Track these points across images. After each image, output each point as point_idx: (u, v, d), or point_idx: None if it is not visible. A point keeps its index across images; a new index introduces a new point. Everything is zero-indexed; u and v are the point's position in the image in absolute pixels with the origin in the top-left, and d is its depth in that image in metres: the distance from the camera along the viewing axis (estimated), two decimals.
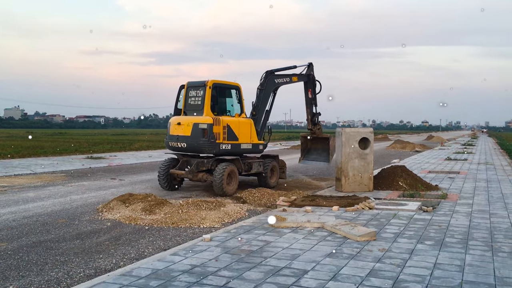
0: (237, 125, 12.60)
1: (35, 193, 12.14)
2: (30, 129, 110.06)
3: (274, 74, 13.84)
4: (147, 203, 9.50)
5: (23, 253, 6.61)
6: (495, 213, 9.01)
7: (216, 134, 11.92)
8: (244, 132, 12.75)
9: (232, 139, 12.41)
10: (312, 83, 15.11)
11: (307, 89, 15.13)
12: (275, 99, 14.17)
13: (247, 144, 12.82)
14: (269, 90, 13.74)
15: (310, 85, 15.13)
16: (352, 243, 6.60)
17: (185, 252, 6.11)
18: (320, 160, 15.14)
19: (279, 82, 14.00)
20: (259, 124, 13.49)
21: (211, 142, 11.88)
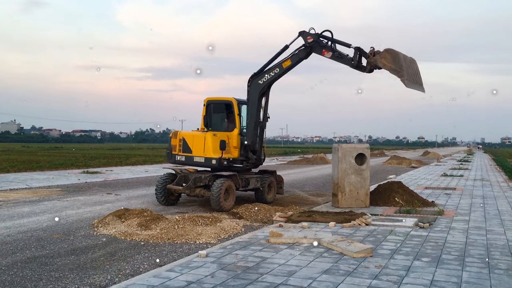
0: (191, 138, 12.99)
1: (30, 208, 12.06)
2: (26, 143, 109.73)
3: (256, 75, 12.68)
4: (143, 219, 9.45)
5: (17, 269, 6.55)
6: (492, 230, 9.01)
7: (173, 147, 13.25)
8: (198, 146, 12.85)
9: (187, 152, 12.96)
10: (320, 45, 12.03)
11: (321, 52, 12.06)
12: (268, 105, 13.05)
13: (199, 157, 12.83)
14: (254, 97, 12.68)
15: (318, 49, 12.07)
16: (349, 259, 6.58)
17: (181, 268, 6.08)
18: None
19: (265, 81, 12.56)
20: (249, 138, 12.81)
21: (167, 152, 13.54)
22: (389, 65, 11.23)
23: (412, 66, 11.81)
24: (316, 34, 12.11)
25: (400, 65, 11.17)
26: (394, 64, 11.21)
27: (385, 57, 11.35)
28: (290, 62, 12.30)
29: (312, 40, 12.04)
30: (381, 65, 11.42)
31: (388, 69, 11.30)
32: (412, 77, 11.58)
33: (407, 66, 11.47)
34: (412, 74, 11.62)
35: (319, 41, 12.07)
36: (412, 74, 11.66)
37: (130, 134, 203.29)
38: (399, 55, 11.30)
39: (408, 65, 11.60)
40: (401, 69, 11.13)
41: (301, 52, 12.21)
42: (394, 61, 11.24)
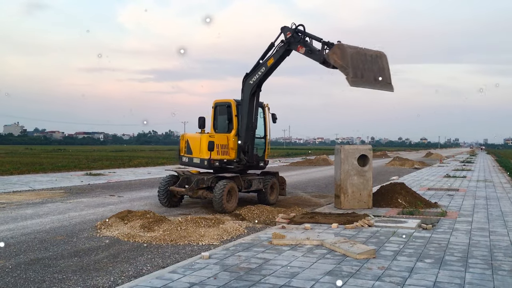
0: (193, 140, 13.17)
1: (34, 210, 12.10)
2: (29, 145, 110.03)
3: (248, 75, 12.64)
4: (145, 220, 9.47)
5: (20, 271, 6.57)
6: (495, 231, 8.99)
7: (181, 148, 13.66)
8: (196, 147, 13.04)
9: (189, 153, 13.27)
10: (296, 40, 11.74)
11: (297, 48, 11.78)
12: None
13: (197, 159, 12.98)
14: (246, 97, 12.66)
15: (294, 45, 11.80)
16: (352, 261, 6.57)
17: (183, 270, 6.08)
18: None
19: (254, 80, 12.51)
20: (242, 139, 12.82)
21: (177, 154, 13.94)
22: (338, 62, 10.64)
23: (373, 63, 10.97)
24: (293, 29, 11.82)
25: (347, 62, 10.52)
26: (342, 61, 10.58)
27: (335, 52, 10.72)
28: (273, 60, 12.18)
29: (289, 36, 11.82)
30: (332, 62, 10.84)
31: (337, 66, 10.73)
32: (370, 75, 10.79)
33: (357, 63, 10.69)
34: (371, 71, 10.80)
35: (295, 36, 11.77)
36: (372, 71, 10.84)
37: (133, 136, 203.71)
38: (346, 51, 10.59)
39: (362, 62, 10.79)
40: (347, 66, 10.47)
41: (281, 48, 12.05)
42: (342, 57, 10.59)
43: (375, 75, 10.84)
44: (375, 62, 10.88)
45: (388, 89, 11.23)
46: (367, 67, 10.76)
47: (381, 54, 11.13)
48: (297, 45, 11.71)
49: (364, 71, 10.71)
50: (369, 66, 10.81)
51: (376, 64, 10.87)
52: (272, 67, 12.30)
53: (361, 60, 10.66)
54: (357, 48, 10.78)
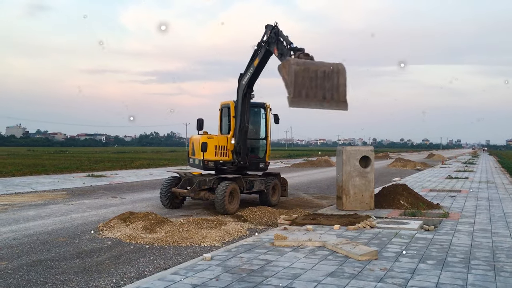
0: (195, 142, 13.35)
1: (36, 212, 12.12)
2: (31, 147, 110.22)
3: (242, 75, 12.68)
4: (147, 222, 9.48)
5: (23, 272, 6.58)
6: (497, 232, 8.97)
7: (189, 150, 13.93)
8: (197, 149, 13.22)
9: (193, 154, 13.55)
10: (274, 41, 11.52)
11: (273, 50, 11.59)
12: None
13: (197, 160, 13.17)
14: (239, 98, 12.71)
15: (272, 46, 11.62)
16: (354, 262, 6.57)
17: (185, 271, 6.09)
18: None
19: (246, 80, 12.50)
20: (235, 139, 12.89)
21: (187, 155, 14.15)
22: (285, 77, 10.16)
23: (326, 80, 10.27)
24: (271, 29, 11.59)
25: (291, 79, 10.00)
26: (288, 77, 10.09)
27: (284, 67, 10.27)
28: (257, 60, 12.05)
29: (268, 36, 11.68)
30: (281, 76, 10.39)
31: (284, 82, 10.28)
32: (318, 93, 10.14)
33: (302, 81, 10.07)
34: (320, 89, 10.15)
35: (272, 36, 11.55)
36: (323, 89, 10.19)
37: (135, 138, 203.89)
38: (291, 68, 10.09)
39: (309, 79, 10.13)
40: (290, 84, 9.97)
41: (262, 49, 11.92)
42: (288, 73, 10.12)
43: (325, 94, 10.28)
44: (328, 79, 10.24)
45: (340, 108, 10.64)
46: (316, 84, 10.20)
47: (339, 69, 10.43)
48: (273, 47, 11.57)
49: (311, 90, 10.16)
50: (320, 84, 10.25)
51: (329, 81, 10.24)
52: (258, 67, 12.17)
53: (309, 78, 10.11)
54: (307, 64, 10.23)
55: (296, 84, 10.04)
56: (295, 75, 10.06)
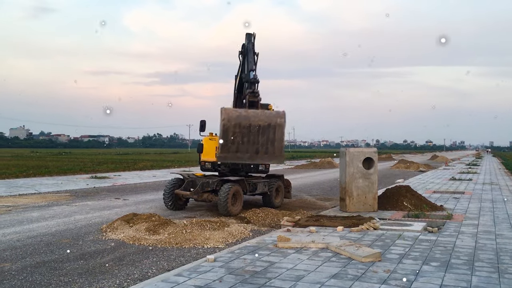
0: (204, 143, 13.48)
1: (40, 213, 12.15)
2: (35, 148, 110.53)
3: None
4: (151, 223, 9.49)
5: (27, 274, 6.60)
6: (501, 234, 8.94)
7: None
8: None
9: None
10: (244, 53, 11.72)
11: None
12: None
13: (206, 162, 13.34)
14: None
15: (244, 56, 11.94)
16: (357, 264, 6.56)
17: (189, 273, 6.09)
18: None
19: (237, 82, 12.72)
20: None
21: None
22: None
23: (261, 134, 9.97)
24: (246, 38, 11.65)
25: (220, 134, 9.96)
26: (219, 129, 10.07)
27: (221, 114, 10.07)
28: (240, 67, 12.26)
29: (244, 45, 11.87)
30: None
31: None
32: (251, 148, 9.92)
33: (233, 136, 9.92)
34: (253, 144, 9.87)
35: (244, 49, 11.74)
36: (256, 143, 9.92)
37: (138, 139, 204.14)
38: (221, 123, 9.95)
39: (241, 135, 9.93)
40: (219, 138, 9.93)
41: (240, 56, 12.18)
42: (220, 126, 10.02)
43: (258, 148, 10.06)
44: (263, 133, 9.96)
45: (274, 162, 10.45)
46: (249, 139, 10.03)
47: (276, 123, 10.08)
48: (244, 58, 11.76)
49: (242, 145, 10.00)
50: (253, 139, 10.04)
51: (264, 135, 9.96)
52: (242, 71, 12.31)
53: (241, 133, 9.92)
54: (240, 119, 9.95)
55: (225, 140, 9.92)
56: (224, 131, 9.91)
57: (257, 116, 9.94)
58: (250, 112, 10.05)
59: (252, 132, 9.85)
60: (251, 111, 10.09)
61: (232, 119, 9.96)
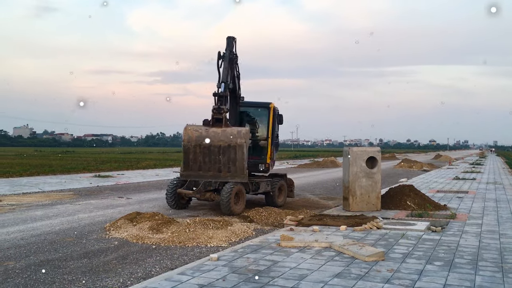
0: None
1: (43, 212, 12.18)
2: (38, 147, 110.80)
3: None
4: (154, 222, 9.50)
5: (31, 272, 6.62)
6: (505, 234, 8.92)
7: None
8: None
9: None
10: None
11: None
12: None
13: None
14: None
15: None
16: (360, 263, 6.55)
17: (192, 272, 6.10)
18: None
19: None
20: None
21: None
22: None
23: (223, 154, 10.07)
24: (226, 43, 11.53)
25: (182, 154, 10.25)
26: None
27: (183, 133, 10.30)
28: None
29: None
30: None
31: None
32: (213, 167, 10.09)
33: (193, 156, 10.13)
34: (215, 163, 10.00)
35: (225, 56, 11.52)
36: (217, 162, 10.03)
37: (141, 138, 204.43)
38: (182, 143, 10.26)
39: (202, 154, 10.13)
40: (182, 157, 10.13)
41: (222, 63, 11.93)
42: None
43: (220, 167, 10.17)
44: (224, 153, 10.08)
45: (237, 180, 10.58)
46: (210, 159, 10.15)
47: (236, 144, 10.14)
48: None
49: (204, 164, 10.12)
50: (213, 158, 10.16)
51: (225, 155, 10.05)
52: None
53: (201, 153, 10.01)
54: (200, 139, 10.01)
55: (186, 159, 10.07)
56: (184, 152, 10.10)
57: (217, 137, 10.08)
58: (210, 132, 10.15)
59: (213, 152, 9.96)
60: (212, 131, 10.16)
61: (192, 140, 10.17)
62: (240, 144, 9.90)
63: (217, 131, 10.01)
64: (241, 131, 10.01)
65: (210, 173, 10.19)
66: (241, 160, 9.94)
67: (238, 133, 10.00)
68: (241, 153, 9.97)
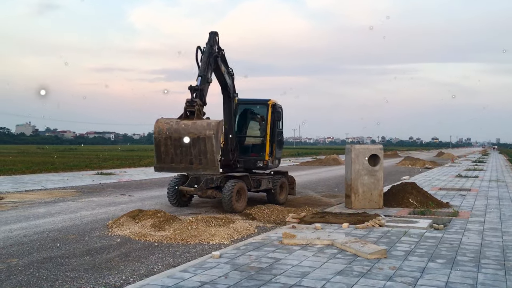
0: None
1: (46, 209, 12.21)
2: (41, 145, 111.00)
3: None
4: (156, 220, 9.51)
5: (33, 269, 6.64)
6: (507, 231, 8.90)
7: None
8: None
9: None
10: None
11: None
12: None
13: None
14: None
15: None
16: (363, 260, 6.55)
17: (194, 269, 6.11)
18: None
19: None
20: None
21: None
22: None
23: (193, 146, 9.96)
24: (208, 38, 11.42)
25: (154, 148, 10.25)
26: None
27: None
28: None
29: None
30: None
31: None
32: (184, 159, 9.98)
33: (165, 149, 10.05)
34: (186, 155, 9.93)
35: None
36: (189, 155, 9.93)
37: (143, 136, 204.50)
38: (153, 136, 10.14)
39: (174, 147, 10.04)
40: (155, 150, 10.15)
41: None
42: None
43: (192, 159, 10.15)
44: (194, 146, 10.03)
45: (210, 172, 10.56)
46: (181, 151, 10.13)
47: (206, 136, 10.04)
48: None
49: (176, 156, 10.15)
50: (185, 150, 10.13)
51: (196, 148, 10.02)
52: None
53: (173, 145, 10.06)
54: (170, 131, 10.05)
55: (158, 152, 10.13)
56: (156, 144, 10.17)
57: (187, 129, 10.05)
58: (181, 124, 10.14)
59: (183, 144, 9.99)
60: (182, 123, 10.13)
61: (162, 132, 10.18)
62: (209, 135, 9.88)
63: (187, 123, 10.03)
64: (211, 123, 10.01)
65: (182, 165, 10.20)
66: (211, 152, 9.91)
67: (208, 125, 9.99)
68: (211, 145, 9.94)
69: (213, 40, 11.48)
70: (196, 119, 10.17)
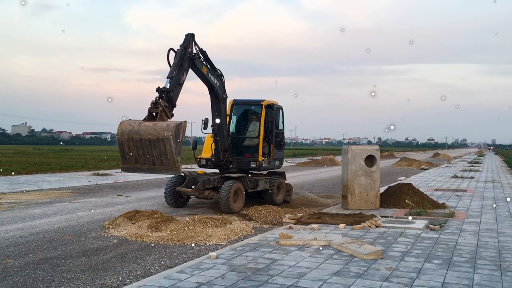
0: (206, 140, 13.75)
1: (42, 210, 12.18)
2: (37, 145, 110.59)
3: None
4: (153, 220, 9.51)
5: (30, 270, 6.62)
6: (503, 232, 8.94)
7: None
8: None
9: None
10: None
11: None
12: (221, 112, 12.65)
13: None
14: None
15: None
16: (359, 261, 6.57)
17: (191, 270, 6.11)
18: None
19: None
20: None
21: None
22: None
23: (153, 147, 10.06)
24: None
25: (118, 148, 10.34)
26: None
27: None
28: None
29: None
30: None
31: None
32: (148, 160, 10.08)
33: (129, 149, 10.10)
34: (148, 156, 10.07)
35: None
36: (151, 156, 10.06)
37: None
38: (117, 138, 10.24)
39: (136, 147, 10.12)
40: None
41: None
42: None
43: (154, 160, 10.24)
44: (155, 147, 10.12)
45: (171, 173, 10.64)
46: (144, 152, 10.23)
47: (164, 137, 10.06)
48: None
49: (139, 157, 10.28)
50: (147, 151, 10.25)
51: (156, 149, 10.13)
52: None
53: (135, 146, 10.20)
54: (131, 133, 10.16)
55: (123, 153, 10.26)
56: (119, 146, 10.31)
57: (147, 130, 10.16)
58: (142, 125, 10.24)
59: (145, 145, 10.11)
60: (143, 125, 10.23)
61: (124, 134, 10.30)
62: (167, 137, 9.99)
63: (148, 124, 10.14)
64: (170, 124, 10.10)
65: (146, 166, 10.30)
66: (171, 153, 10.02)
67: (167, 126, 10.07)
68: (170, 146, 10.04)
69: (188, 41, 11.43)
70: (159, 120, 10.22)
